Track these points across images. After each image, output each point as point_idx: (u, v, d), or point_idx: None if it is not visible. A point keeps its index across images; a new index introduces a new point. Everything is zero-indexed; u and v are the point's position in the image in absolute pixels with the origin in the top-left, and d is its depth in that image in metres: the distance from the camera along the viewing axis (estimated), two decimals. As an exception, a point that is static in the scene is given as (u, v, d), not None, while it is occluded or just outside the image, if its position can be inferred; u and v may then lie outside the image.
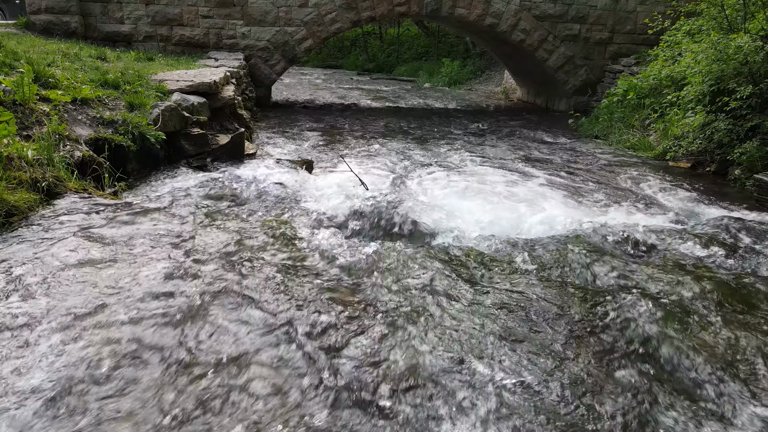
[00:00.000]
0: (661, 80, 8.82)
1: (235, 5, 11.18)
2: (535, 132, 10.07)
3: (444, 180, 6.12)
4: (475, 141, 8.89)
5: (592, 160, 7.68)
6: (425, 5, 11.84)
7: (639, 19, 12.61)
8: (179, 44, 11.14)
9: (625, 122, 9.20)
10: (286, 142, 8.10)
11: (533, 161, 7.56)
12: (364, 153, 7.49)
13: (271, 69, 11.68)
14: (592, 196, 5.82)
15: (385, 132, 9.42)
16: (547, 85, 13.94)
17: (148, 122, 5.33)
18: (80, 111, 5.13)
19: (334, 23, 11.66)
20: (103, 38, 10.80)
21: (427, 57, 25.57)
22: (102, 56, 7.41)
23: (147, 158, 5.40)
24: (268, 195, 4.97)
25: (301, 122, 10.08)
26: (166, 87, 6.27)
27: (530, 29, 12.27)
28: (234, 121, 7.28)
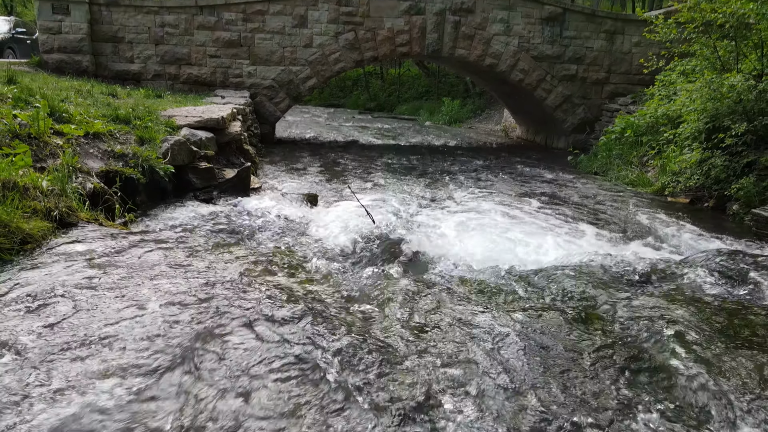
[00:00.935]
0: (657, 118, 9.02)
1: (242, 45, 11.52)
2: (534, 168, 10.23)
3: (446, 213, 6.21)
4: (476, 176, 9.02)
5: (592, 195, 7.78)
6: (427, 46, 12.19)
7: (634, 60, 12.97)
8: (187, 82, 11.43)
9: (624, 159, 9.36)
10: (290, 176, 8.23)
11: (533, 196, 7.66)
12: (366, 187, 7.60)
13: (275, 106, 11.94)
14: (593, 229, 5.89)
15: (387, 168, 9.57)
16: (546, 124, 14.21)
17: (157, 156, 5.46)
18: (92, 144, 5.26)
19: (337, 63, 11.98)
20: (113, 76, 11.09)
21: (428, 96, 26.10)
22: (113, 93, 7.62)
23: (156, 190, 5.51)
24: (274, 227, 5.05)
25: (305, 158, 10.25)
26: (174, 122, 6.43)
27: (529, 69, 12.60)
28: (240, 156, 7.43)
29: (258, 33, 11.52)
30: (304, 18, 11.62)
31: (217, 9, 11.28)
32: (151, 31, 11.11)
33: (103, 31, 10.93)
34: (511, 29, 12.37)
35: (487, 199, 7.29)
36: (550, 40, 12.56)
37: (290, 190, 7.24)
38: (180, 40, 11.24)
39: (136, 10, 11.00)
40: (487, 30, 12.28)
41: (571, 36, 12.65)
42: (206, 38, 11.34)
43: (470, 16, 12.17)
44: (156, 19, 11.09)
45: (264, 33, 11.53)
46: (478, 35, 12.27)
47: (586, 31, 12.69)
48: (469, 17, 12.17)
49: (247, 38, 11.50)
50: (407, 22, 12.00)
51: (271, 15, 11.49)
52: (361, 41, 11.93)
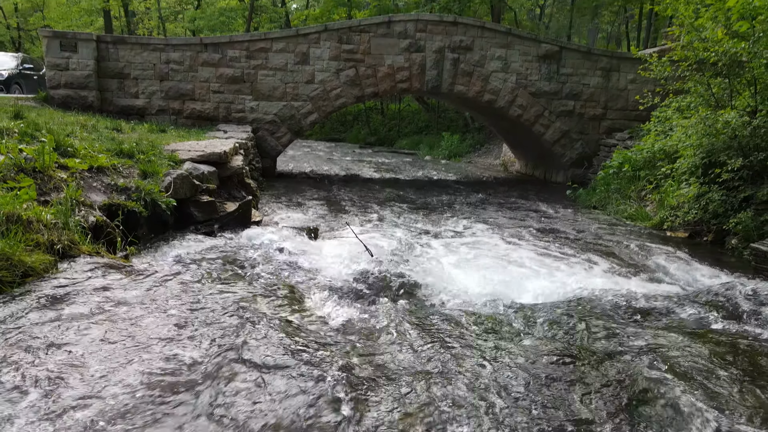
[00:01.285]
0: (654, 153, 9.13)
1: (245, 81, 11.75)
2: (533, 202, 10.30)
3: (444, 246, 6.23)
4: (475, 210, 9.08)
5: (591, 229, 7.82)
6: (426, 82, 12.43)
7: (630, 96, 13.20)
8: (190, 117, 11.61)
9: (622, 193, 9.43)
10: (291, 210, 8.28)
11: (532, 229, 7.70)
12: (366, 221, 7.64)
13: (277, 141, 12.10)
14: (592, 263, 5.90)
15: (387, 201, 9.63)
16: (545, 158, 14.36)
17: (160, 189, 5.51)
18: (96, 178, 5.33)
19: (338, 98, 12.19)
20: (117, 111, 11.27)
21: (428, 131, 26.41)
22: (117, 128, 7.74)
23: (157, 223, 5.54)
24: (274, 260, 5.06)
25: (306, 191, 10.33)
26: (177, 156, 6.52)
27: (527, 105, 12.81)
28: (241, 190, 7.49)
29: (261, 69, 11.76)
30: (306, 55, 11.88)
31: (221, 46, 11.55)
32: (157, 67, 11.35)
33: (109, 68, 11.16)
34: (509, 66, 12.63)
35: (485, 232, 7.32)
36: (547, 77, 12.81)
37: (291, 223, 7.28)
38: (184, 76, 11.47)
39: (143, 47, 11.26)
40: (486, 67, 12.54)
41: (567, 73, 12.90)
42: (210, 74, 11.58)
43: (469, 54, 12.45)
44: (161, 56, 11.34)
45: (267, 69, 11.78)
46: (477, 72, 12.52)
47: (583, 68, 12.95)
48: (468, 55, 12.45)
49: (250, 74, 11.74)
50: (407, 59, 12.26)
51: (274, 52, 11.76)
52: (362, 77, 12.16)
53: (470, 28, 12.44)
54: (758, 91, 7.46)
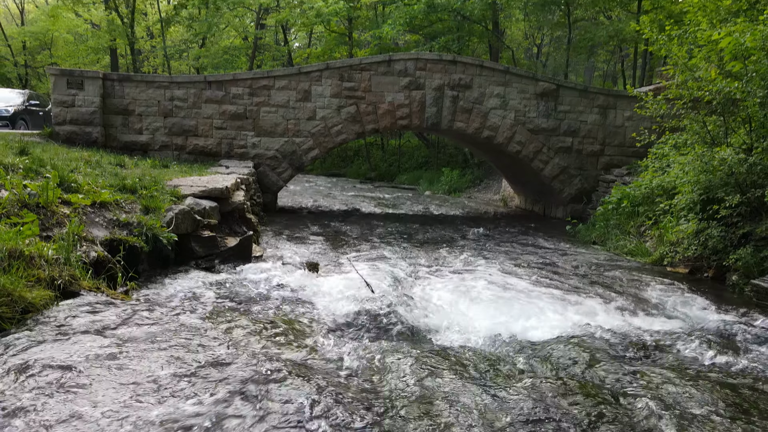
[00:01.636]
0: (652, 189, 9.20)
1: (247, 118, 11.93)
2: (533, 237, 10.32)
3: (445, 282, 6.22)
4: (475, 246, 9.09)
5: (591, 265, 7.81)
6: (426, 119, 12.62)
7: (627, 133, 13.37)
8: (193, 152, 11.75)
9: (621, 229, 9.47)
10: (292, 245, 8.29)
11: (532, 265, 7.69)
12: (367, 256, 7.65)
13: (278, 176, 12.20)
14: (593, 300, 5.89)
15: (388, 236, 9.66)
16: (544, 194, 14.45)
17: (161, 224, 5.55)
18: (98, 213, 5.37)
19: (339, 134, 12.36)
20: (121, 147, 11.41)
21: (427, 166, 26.63)
22: (121, 163, 7.84)
23: (158, 258, 5.56)
24: (275, 296, 5.06)
25: (306, 226, 10.36)
26: (179, 192, 6.58)
27: (526, 141, 12.97)
28: (242, 225, 7.53)
29: (263, 106, 11.96)
30: (308, 92, 12.10)
31: (224, 84, 11.78)
32: (161, 104, 11.55)
33: (114, 104, 11.36)
34: (507, 103, 12.85)
35: (486, 267, 7.32)
36: (545, 114, 13.01)
37: (292, 258, 7.28)
38: (188, 113, 11.66)
39: (148, 85, 11.48)
40: (484, 104, 12.76)
41: (565, 110, 13.11)
42: (213, 111, 11.77)
43: (468, 92, 12.68)
44: (166, 93, 11.55)
45: (269, 106, 11.98)
46: (476, 109, 12.73)
47: (580, 105, 13.17)
48: (467, 92, 12.68)
49: (253, 111, 11.93)
50: (407, 96, 12.48)
51: (276, 90, 11.98)
52: (363, 114, 12.36)
53: (469, 67, 12.71)
54: (753, 128, 7.58)
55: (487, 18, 24.25)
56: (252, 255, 6.89)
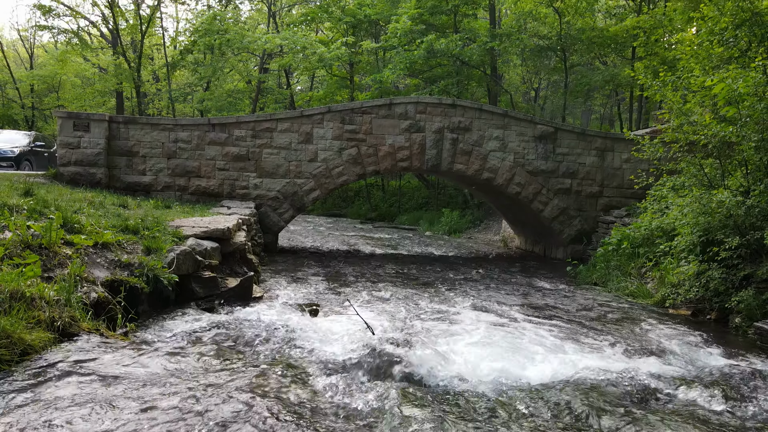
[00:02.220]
0: (652, 231, 9.24)
1: (249, 159, 12.09)
2: (534, 278, 10.29)
3: (446, 324, 6.18)
4: (477, 287, 9.06)
5: (593, 307, 7.77)
6: (426, 161, 12.78)
7: (625, 175, 13.52)
8: (195, 193, 11.85)
9: (622, 270, 9.45)
10: (292, 285, 8.27)
11: (533, 307, 7.66)
12: (367, 297, 7.62)
13: (279, 217, 12.27)
14: (595, 342, 5.84)
15: (388, 277, 9.63)
16: (544, 235, 14.49)
17: (163, 265, 5.56)
18: (100, 254, 5.39)
19: (341, 176, 12.49)
20: (124, 188, 11.52)
21: (428, 207, 26.76)
22: (124, 204, 7.91)
23: (159, 299, 5.55)
24: (275, 339, 5.02)
25: (307, 267, 10.35)
26: (181, 232, 6.61)
27: (525, 183, 13.09)
28: (243, 265, 7.53)
29: (265, 148, 12.14)
30: (310, 135, 12.30)
31: (228, 126, 11.99)
32: (165, 146, 11.72)
33: (118, 146, 11.53)
34: (506, 146, 13.03)
35: (487, 310, 7.28)
36: (544, 156, 13.18)
37: (292, 299, 7.26)
38: (191, 154, 11.83)
39: (152, 127, 11.69)
40: (484, 146, 12.94)
41: (564, 152, 13.29)
42: (216, 153, 11.94)
43: (467, 134, 12.88)
44: (170, 135, 11.74)
45: (271, 148, 12.15)
46: (476, 151, 12.91)
47: (578, 148, 13.36)
48: (466, 135, 12.88)
49: (255, 153, 12.10)
50: (407, 139, 12.68)
51: (278, 132, 12.18)
52: (364, 156, 12.52)
53: (468, 110, 12.96)
54: (749, 171, 7.68)
55: (485, 63, 24.86)
56: (252, 296, 6.88)
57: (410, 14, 23.83)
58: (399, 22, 23.35)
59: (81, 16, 32.14)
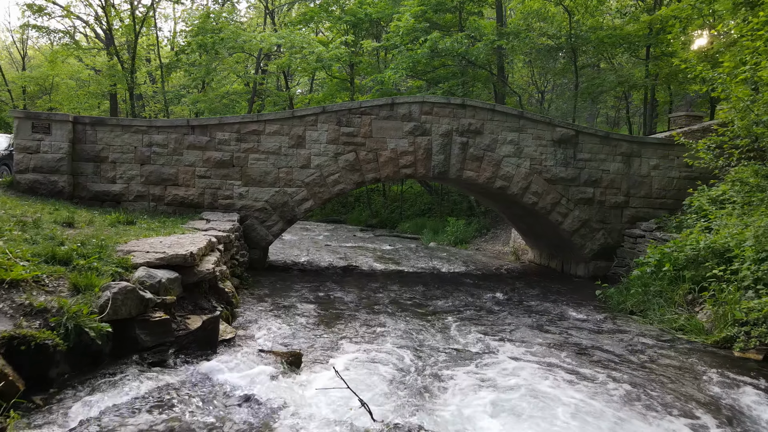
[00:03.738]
0: (699, 251, 7.86)
1: (234, 166, 10.73)
2: (559, 305, 8.91)
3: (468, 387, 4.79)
4: (493, 318, 7.69)
5: (639, 347, 6.40)
6: (432, 167, 11.41)
7: (654, 183, 12.15)
8: (172, 204, 10.48)
9: (664, 297, 8.06)
10: (275, 318, 6.90)
11: (565, 347, 6.29)
12: (365, 337, 6.24)
13: (267, 230, 10.90)
14: (649, 400, 4.48)
15: (390, 305, 8.26)
16: (562, 248, 13.10)
17: (91, 310, 4.20)
18: (6, 297, 4.03)
19: (336, 184, 11.13)
20: (91, 197, 10.17)
21: (431, 213, 25.41)
22: (69, 221, 6.53)
23: (83, 357, 4.17)
24: (238, 415, 3.65)
25: (296, 290, 8.98)
26: (130, 260, 5.25)
27: (542, 192, 11.72)
28: (212, 298, 6.16)
29: (252, 153, 10.78)
30: (302, 138, 10.94)
31: (209, 129, 10.63)
32: (138, 150, 10.37)
33: (85, 151, 10.17)
34: (521, 151, 11.67)
35: (512, 354, 5.91)
36: (563, 162, 11.81)
37: (271, 340, 5.89)
38: (168, 159, 10.47)
39: (124, 129, 10.33)
40: (497, 151, 11.58)
41: (585, 158, 11.92)
42: (196, 158, 10.58)
43: (478, 138, 11.52)
44: (144, 139, 10.39)
45: (258, 153, 10.80)
46: (488, 157, 11.54)
47: (601, 153, 11.99)
48: (477, 138, 11.52)
49: (240, 158, 10.74)
50: (411, 143, 11.33)
51: (266, 135, 10.82)
52: (363, 162, 11.16)
53: (479, 111, 11.60)
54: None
55: (492, 63, 23.54)
56: (220, 339, 5.50)
57: (413, 12, 22.54)
58: (401, 20, 22.05)
59: (74, 15, 30.88)
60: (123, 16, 29.69)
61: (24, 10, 32.85)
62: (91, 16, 38.69)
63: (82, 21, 33.35)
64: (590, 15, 24.56)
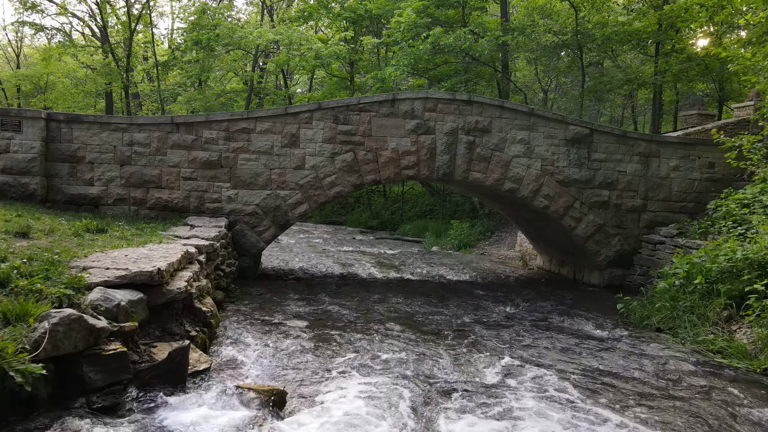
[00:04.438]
0: (736, 262, 7.06)
1: (222, 167, 9.92)
2: (577, 320, 8.10)
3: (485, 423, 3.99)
4: (507, 338, 6.88)
5: (678, 377, 5.59)
6: (437, 168, 10.60)
7: (674, 185, 11.34)
8: (154, 208, 9.68)
9: (696, 312, 7.25)
10: (260, 341, 6.09)
11: (592, 375, 5.49)
12: (362, 366, 5.43)
13: (258, 236, 10.09)
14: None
15: (391, 321, 7.46)
16: (574, 255, 12.29)
17: (21, 347, 3.39)
18: None
19: (333, 186, 10.32)
20: (66, 201, 9.37)
21: (432, 215, 24.60)
22: (25, 231, 5.70)
23: (12, 406, 3.37)
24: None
25: (288, 304, 8.17)
26: (84, 280, 4.44)
27: (554, 195, 10.91)
28: (186, 320, 5.35)
29: (242, 153, 9.97)
30: (296, 137, 10.13)
31: (195, 126, 9.82)
32: (117, 150, 9.56)
33: (59, 150, 9.37)
34: (532, 150, 10.86)
35: (531, 384, 5.11)
36: (577, 163, 11.00)
37: (252, 371, 5.09)
38: (150, 160, 9.66)
39: (102, 127, 9.53)
40: (506, 151, 10.77)
41: (600, 159, 11.11)
42: (181, 158, 9.77)
43: (486, 136, 10.71)
44: (124, 137, 9.58)
45: (248, 153, 9.99)
46: (496, 157, 10.73)
47: (617, 153, 11.17)
48: (485, 137, 10.71)
49: (229, 159, 9.93)
50: (414, 142, 10.51)
51: (257, 133, 10.01)
52: (361, 163, 10.36)
53: (487, 108, 10.78)
54: None
55: (496, 59, 22.73)
56: (192, 371, 4.69)
57: (415, 6, 21.74)
58: (402, 16, 21.25)
59: (69, 12, 30.09)
60: (119, 14, 28.94)
61: (17, 7, 32.10)
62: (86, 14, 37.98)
63: (77, 18, 32.63)
64: (596, 11, 23.82)
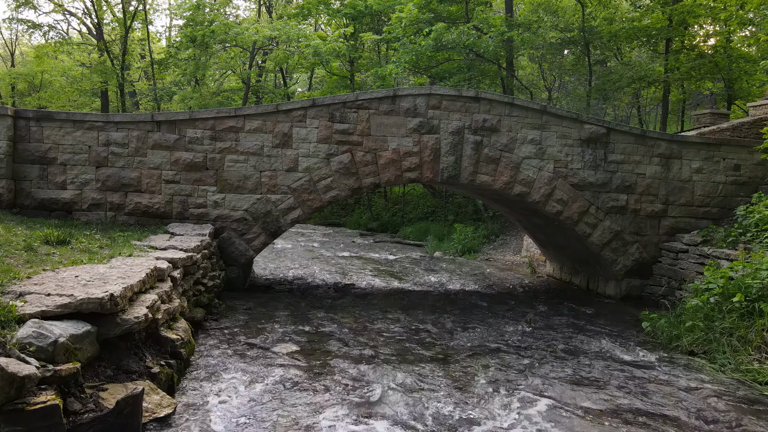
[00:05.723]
0: (780, 278, 6.24)
1: (207, 169, 9.11)
2: (596, 338, 7.29)
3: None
4: (520, 362, 6.08)
5: (717, 412, 4.78)
6: (441, 171, 9.79)
7: (696, 189, 10.52)
8: (134, 213, 8.88)
9: (735, 335, 6.43)
10: (240, 372, 5.29)
11: (621, 415, 4.69)
12: (355, 407, 4.62)
13: (248, 244, 9.28)
14: None
15: (391, 343, 6.65)
16: (587, 263, 11.47)
17: None
18: None
19: (329, 190, 9.51)
20: (36, 206, 8.57)
21: (434, 217, 23.79)
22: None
23: None
24: None
25: (277, 322, 7.37)
26: (15, 310, 3.63)
27: (568, 199, 10.09)
28: (149, 351, 4.54)
29: (229, 154, 9.16)
30: (288, 136, 9.32)
31: (178, 125, 9.01)
32: (92, 150, 8.76)
33: (28, 151, 8.57)
34: (544, 151, 10.04)
35: (549, 422, 4.30)
36: (592, 165, 10.18)
37: (227, 414, 4.28)
38: (129, 161, 8.86)
39: (75, 125, 8.72)
40: (516, 152, 9.95)
41: (617, 160, 10.29)
42: (162, 160, 8.96)
43: (494, 136, 9.89)
44: (100, 137, 8.78)
45: (236, 154, 9.18)
46: (505, 158, 9.91)
47: (636, 154, 10.36)
48: (493, 137, 9.89)
49: (215, 160, 9.12)
50: (417, 142, 9.70)
51: (246, 133, 9.21)
52: (359, 165, 9.54)
53: (495, 105, 9.97)
54: None
55: (500, 56, 21.90)
56: (151, 418, 3.89)
57: (416, 1, 20.92)
58: (404, 11, 20.44)
59: (63, 9, 29.29)
60: (115, 11, 28.18)
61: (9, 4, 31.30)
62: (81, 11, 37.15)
63: (72, 15, 31.81)
64: (603, 7, 23.08)
